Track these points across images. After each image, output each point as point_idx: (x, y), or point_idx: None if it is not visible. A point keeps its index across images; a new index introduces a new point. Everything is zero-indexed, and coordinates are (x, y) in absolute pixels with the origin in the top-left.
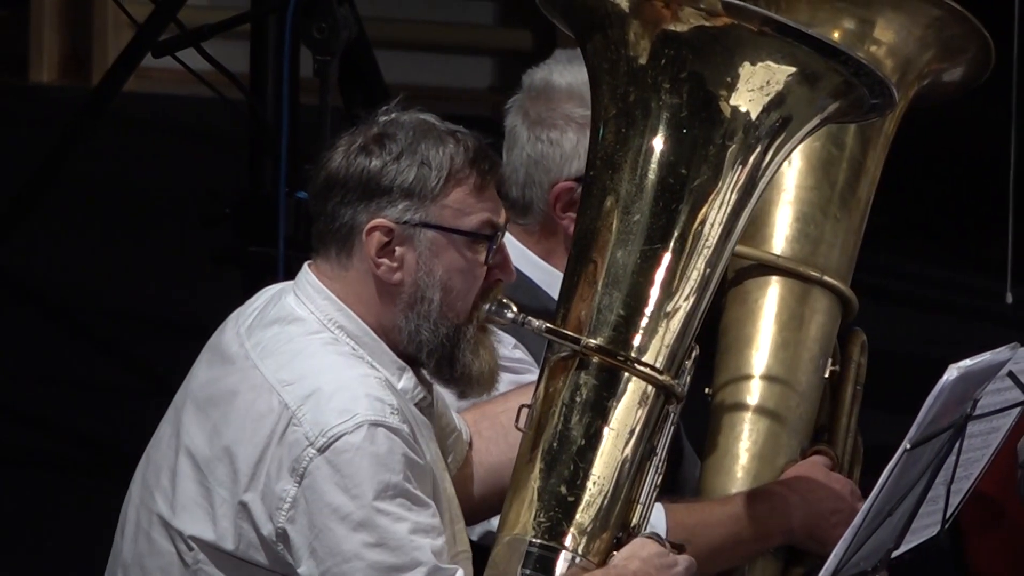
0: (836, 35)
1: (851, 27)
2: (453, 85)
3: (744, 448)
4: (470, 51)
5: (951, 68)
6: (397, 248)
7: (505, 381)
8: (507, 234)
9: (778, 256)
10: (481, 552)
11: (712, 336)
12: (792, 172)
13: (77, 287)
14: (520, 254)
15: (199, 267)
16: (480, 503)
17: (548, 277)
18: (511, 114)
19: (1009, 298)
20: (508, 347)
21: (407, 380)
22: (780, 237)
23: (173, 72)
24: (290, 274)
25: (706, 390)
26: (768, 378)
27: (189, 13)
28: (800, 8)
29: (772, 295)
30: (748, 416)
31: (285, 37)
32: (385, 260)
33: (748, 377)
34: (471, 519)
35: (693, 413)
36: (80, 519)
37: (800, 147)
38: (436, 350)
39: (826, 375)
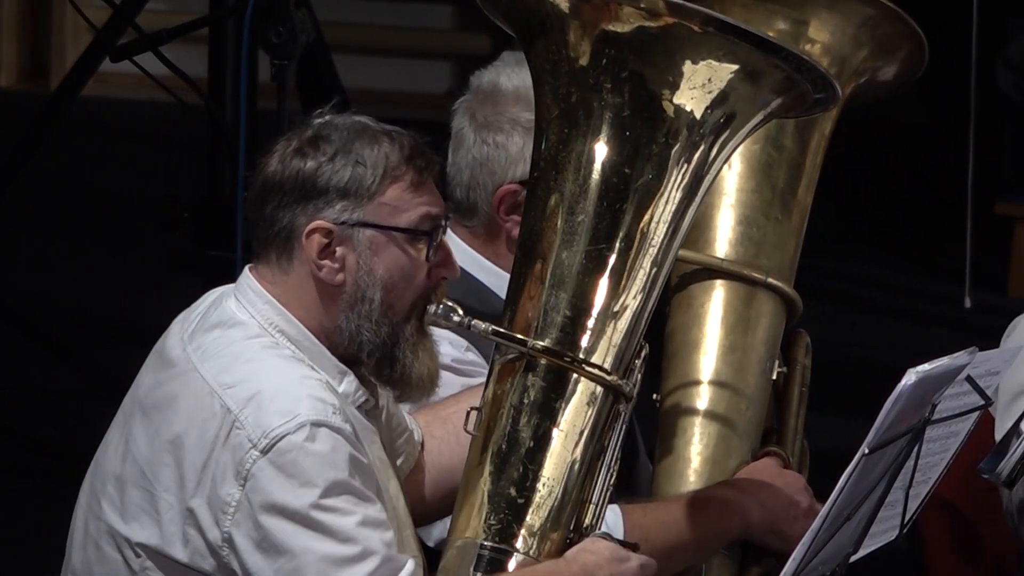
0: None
1: (785, 28)
2: (411, 89)
3: (695, 452)
4: (428, 55)
5: (885, 66)
6: (337, 249)
7: (457, 384)
8: (456, 238)
9: (722, 259)
10: (438, 558)
11: (659, 341)
12: (733, 175)
13: (34, 291)
14: (468, 257)
15: (157, 272)
16: (432, 504)
17: (497, 279)
18: (458, 115)
19: (967, 302)
20: (460, 349)
21: (348, 383)
22: (723, 240)
23: (131, 77)
24: None
25: (654, 396)
26: (716, 382)
27: (147, 18)
28: (734, 12)
29: (717, 299)
30: (698, 420)
31: (243, 41)
32: (326, 262)
33: (696, 381)
34: (423, 520)
35: (642, 418)
36: (35, 525)
37: (740, 150)
38: (377, 350)
39: (773, 377)
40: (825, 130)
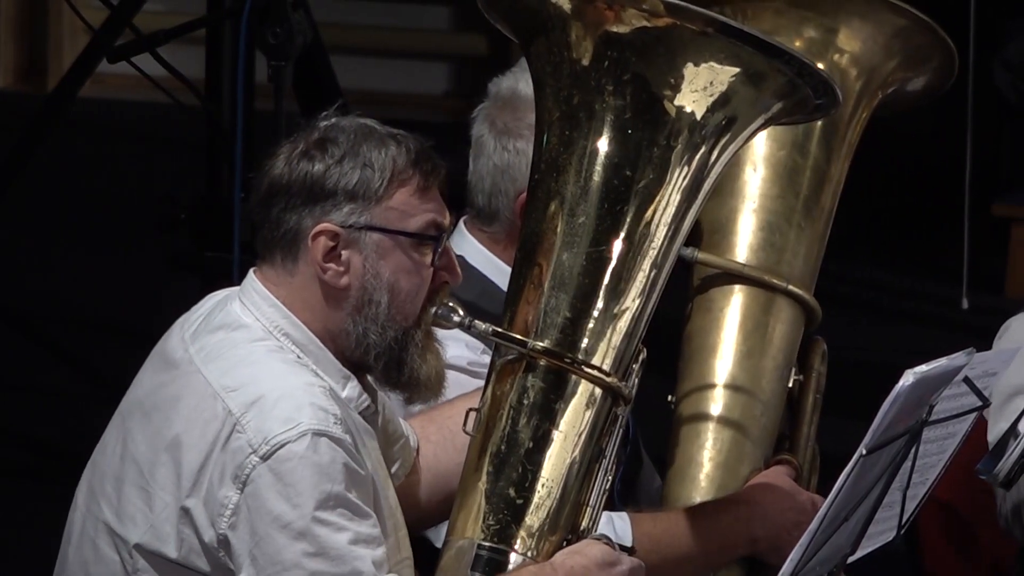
0: (799, 44)
1: (815, 35)
2: (408, 90)
3: (708, 457)
4: (425, 56)
5: (915, 77)
6: (343, 252)
7: (471, 387)
8: (475, 241)
9: (743, 265)
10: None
11: (676, 344)
12: (757, 180)
13: (34, 291)
14: (486, 260)
15: (155, 272)
16: (429, 508)
17: None
18: (478, 123)
19: (965, 304)
20: (477, 352)
21: (351, 388)
22: (745, 246)
23: (129, 77)
24: None
25: (669, 398)
26: (732, 387)
27: (144, 18)
28: (765, 17)
29: (736, 304)
30: (712, 424)
31: (240, 42)
32: (332, 265)
33: (712, 385)
34: (419, 525)
35: (655, 421)
36: (33, 525)
37: (765, 155)
38: (384, 353)
39: (789, 384)
40: (852, 138)
